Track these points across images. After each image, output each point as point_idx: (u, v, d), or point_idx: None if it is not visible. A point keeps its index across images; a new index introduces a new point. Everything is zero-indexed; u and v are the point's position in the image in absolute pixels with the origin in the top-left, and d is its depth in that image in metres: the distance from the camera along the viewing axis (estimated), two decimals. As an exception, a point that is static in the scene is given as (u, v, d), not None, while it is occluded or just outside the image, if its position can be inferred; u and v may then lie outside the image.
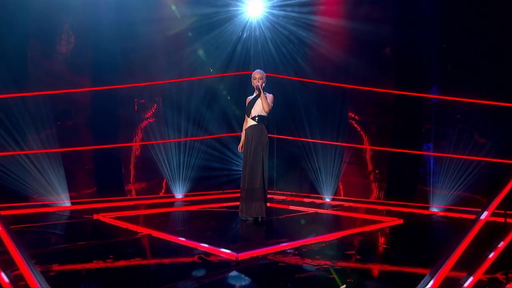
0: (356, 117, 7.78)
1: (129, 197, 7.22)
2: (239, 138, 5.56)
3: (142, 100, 7.61)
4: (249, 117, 5.22)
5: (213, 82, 8.21)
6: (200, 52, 7.74)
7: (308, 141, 8.02)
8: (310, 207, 6.48)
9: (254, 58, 8.68)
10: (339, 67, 7.69)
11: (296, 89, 8.20)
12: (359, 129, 7.73)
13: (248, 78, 5.50)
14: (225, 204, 6.62)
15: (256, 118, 5.16)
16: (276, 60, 8.44)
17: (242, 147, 5.30)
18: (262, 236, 4.51)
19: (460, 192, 6.32)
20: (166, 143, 7.66)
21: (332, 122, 7.86)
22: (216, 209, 6.24)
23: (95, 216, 5.25)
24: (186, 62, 7.83)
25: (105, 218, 5.13)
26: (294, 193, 8.17)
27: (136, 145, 7.44)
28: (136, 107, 7.60)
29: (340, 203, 7.20)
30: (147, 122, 7.62)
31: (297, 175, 8.35)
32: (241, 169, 5.39)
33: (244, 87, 7.85)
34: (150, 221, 5.19)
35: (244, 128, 5.31)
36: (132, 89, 7.13)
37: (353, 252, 3.77)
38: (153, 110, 7.77)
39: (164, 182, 7.83)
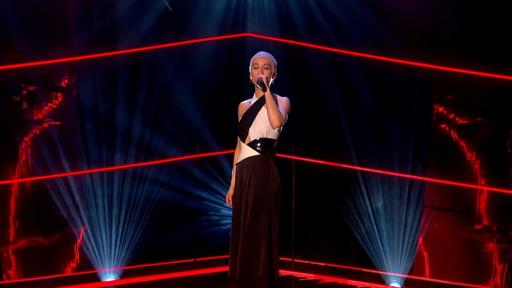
0: (456, 118, 6.45)
1: (5, 281, 5.87)
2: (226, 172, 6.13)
3: (32, 87, 6.28)
4: (244, 141, 4.19)
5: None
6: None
7: (355, 169, 6.69)
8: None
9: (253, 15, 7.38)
10: (421, 33, 6.58)
11: (331, 71, 6.92)
12: (456, 139, 6.45)
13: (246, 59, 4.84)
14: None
15: (258, 144, 4.09)
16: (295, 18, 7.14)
17: (232, 198, 4.40)
18: None
19: None
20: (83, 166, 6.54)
21: (401, 132, 6.54)
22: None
23: None
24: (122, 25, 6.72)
25: None
26: (328, 265, 6.77)
27: (21, 181, 6.14)
28: (24, 102, 6.19)
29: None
30: (43, 127, 6.32)
31: (332, 231, 6.99)
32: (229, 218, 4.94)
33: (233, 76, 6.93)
34: None
35: (235, 161, 4.30)
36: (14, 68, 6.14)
37: None
38: (56, 105, 6.44)
39: (78, 246, 6.41)
